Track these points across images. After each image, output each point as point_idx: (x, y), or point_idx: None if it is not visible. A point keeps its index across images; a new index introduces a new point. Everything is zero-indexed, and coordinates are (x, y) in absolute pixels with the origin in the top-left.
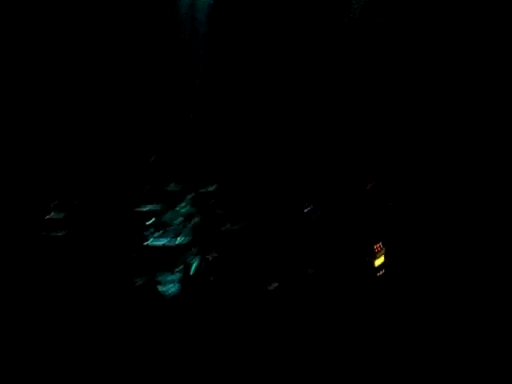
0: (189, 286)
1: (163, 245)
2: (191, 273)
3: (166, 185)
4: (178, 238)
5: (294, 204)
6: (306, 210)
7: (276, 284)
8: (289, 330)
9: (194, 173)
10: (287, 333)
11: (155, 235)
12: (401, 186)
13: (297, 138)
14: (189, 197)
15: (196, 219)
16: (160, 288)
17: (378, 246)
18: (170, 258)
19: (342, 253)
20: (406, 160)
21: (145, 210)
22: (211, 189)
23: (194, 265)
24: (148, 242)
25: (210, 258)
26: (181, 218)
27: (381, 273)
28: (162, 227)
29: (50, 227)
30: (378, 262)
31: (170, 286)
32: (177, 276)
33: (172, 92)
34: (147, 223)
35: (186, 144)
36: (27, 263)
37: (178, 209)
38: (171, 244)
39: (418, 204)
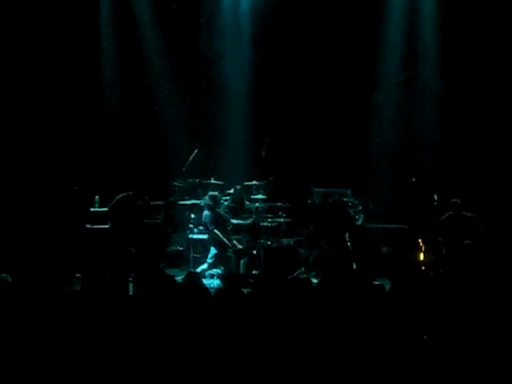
0: (231, 281)
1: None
2: (240, 270)
3: (207, 179)
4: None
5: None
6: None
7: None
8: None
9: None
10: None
11: (195, 230)
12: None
13: None
14: (230, 192)
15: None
16: (205, 281)
17: (420, 241)
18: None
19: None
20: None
21: (189, 203)
22: (256, 183)
23: (242, 262)
24: (191, 236)
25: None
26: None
27: (423, 268)
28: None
29: (93, 219)
30: (421, 257)
31: (212, 280)
32: (218, 271)
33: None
34: (191, 217)
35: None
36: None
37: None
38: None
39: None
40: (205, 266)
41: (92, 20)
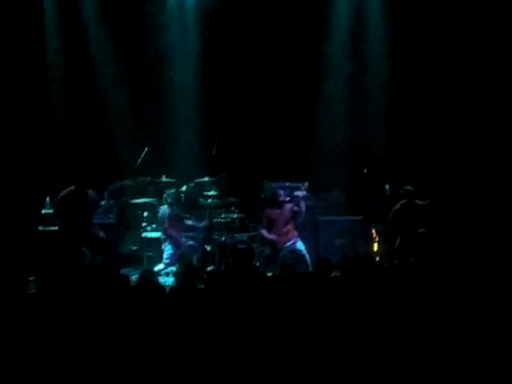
0: (187, 278)
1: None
2: (194, 265)
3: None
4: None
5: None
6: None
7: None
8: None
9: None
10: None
11: (148, 229)
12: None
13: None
14: (183, 189)
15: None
16: (160, 279)
17: (374, 232)
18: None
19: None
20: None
21: (140, 201)
22: (208, 180)
23: (195, 257)
24: (144, 235)
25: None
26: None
27: (376, 259)
28: (155, 220)
29: (44, 221)
30: (375, 248)
31: (167, 278)
32: (173, 268)
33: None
34: (143, 216)
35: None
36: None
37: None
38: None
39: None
40: (161, 266)
41: (37, 16)
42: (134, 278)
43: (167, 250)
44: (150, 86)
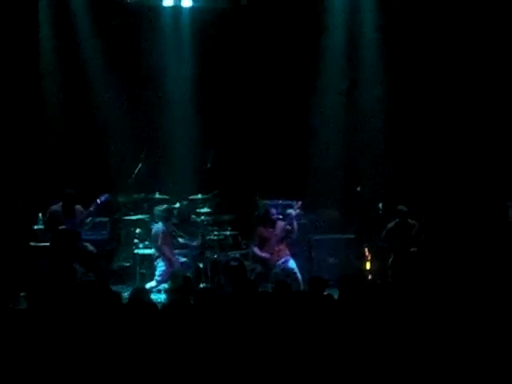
0: (182, 294)
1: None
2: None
3: (153, 194)
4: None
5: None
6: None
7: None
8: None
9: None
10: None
11: (141, 245)
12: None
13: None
14: (176, 206)
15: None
16: (152, 296)
17: (366, 250)
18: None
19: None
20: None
21: (134, 218)
22: (202, 197)
23: (188, 275)
24: (136, 251)
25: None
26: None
27: (370, 277)
28: (148, 236)
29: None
30: (368, 266)
31: (159, 295)
32: (165, 285)
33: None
34: (136, 232)
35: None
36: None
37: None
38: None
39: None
40: (153, 283)
41: (31, 35)
42: (126, 294)
43: (159, 266)
44: (144, 101)
